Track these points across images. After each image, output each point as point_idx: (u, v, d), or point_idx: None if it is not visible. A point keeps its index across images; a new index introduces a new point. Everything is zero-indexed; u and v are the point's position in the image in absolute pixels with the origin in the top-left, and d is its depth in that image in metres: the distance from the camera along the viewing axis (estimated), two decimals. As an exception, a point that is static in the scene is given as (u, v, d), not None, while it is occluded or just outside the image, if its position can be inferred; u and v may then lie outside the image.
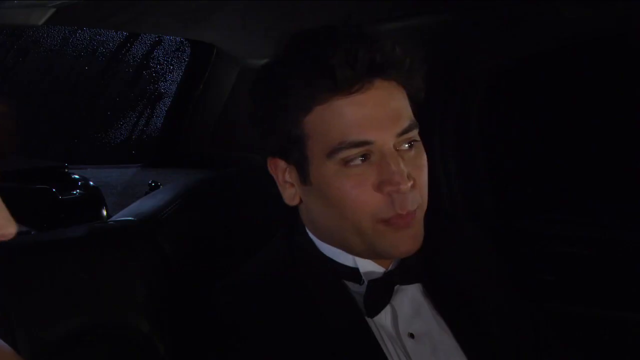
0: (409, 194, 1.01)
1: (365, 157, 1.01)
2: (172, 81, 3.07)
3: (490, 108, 2.01)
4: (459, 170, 1.95)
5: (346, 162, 1.01)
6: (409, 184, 1.01)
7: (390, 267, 1.09)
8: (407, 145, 1.04)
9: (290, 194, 1.09)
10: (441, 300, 1.11)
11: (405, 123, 1.03)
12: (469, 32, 1.73)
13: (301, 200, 1.09)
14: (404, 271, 1.09)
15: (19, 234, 0.72)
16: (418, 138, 1.05)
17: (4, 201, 0.69)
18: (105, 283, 1.15)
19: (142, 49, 3.10)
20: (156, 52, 3.10)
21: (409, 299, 1.10)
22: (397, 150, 1.02)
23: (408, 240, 1.04)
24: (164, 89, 3.12)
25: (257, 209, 1.31)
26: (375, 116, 1.01)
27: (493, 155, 2.05)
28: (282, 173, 1.08)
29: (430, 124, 1.91)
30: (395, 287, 1.08)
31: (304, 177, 1.06)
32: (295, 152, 1.05)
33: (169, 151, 2.47)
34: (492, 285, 1.18)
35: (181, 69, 2.85)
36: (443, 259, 1.15)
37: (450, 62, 1.84)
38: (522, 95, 2.15)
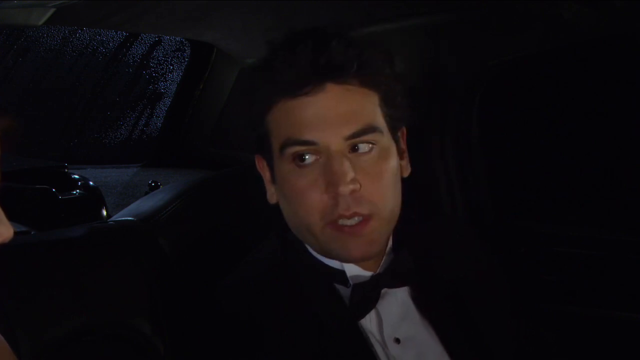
0: (352, 198, 1.01)
1: (313, 157, 1.02)
2: (172, 81, 3.07)
3: (489, 108, 2.01)
4: (459, 170, 1.94)
5: (294, 158, 1.03)
6: (349, 187, 1.00)
7: (378, 271, 1.09)
8: (363, 149, 1.03)
9: (271, 192, 1.11)
10: (428, 303, 1.11)
11: (357, 126, 1.02)
12: (469, 32, 1.73)
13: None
14: (392, 275, 1.08)
15: (19, 233, 0.72)
16: (382, 143, 1.05)
17: (2, 201, 0.69)
18: (105, 283, 1.15)
19: (142, 49, 3.10)
20: (156, 52, 3.10)
21: (398, 302, 1.09)
22: (347, 153, 1.02)
23: (359, 246, 1.04)
24: (164, 89, 3.12)
25: (256, 208, 1.31)
26: (322, 118, 1.02)
27: (493, 155, 2.05)
28: (266, 171, 1.11)
29: (430, 124, 1.91)
30: (383, 291, 1.07)
31: (272, 175, 1.09)
32: (265, 149, 1.08)
33: (169, 151, 2.47)
34: (487, 289, 1.17)
35: (181, 69, 2.86)
36: (434, 261, 1.14)
37: (449, 63, 1.84)
38: (522, 95, 2.15)
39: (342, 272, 1.08)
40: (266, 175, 1.11)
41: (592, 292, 1.84)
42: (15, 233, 0.73)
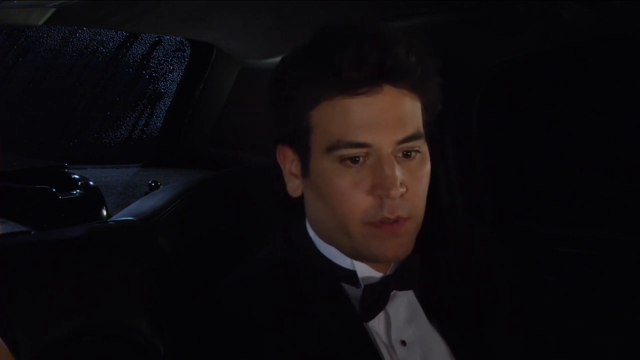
0: (399, 201, 1.02)
1: (363, 158, 1.02)
2: (172, 81, 3.07)
3: (490, 108, 2.01)
4: (459, 170, 1.94)
5: (343, 160, 1.02)
6: (400, 191, 1.01)
7: (388, 272, 1.09)
8: (408, 154, 1.04)
9: (294, 185, 1.10)
10: (433, 305, 1.11)
11: (408, 131, 1.03)
12: (469, 32, 1.73)
13: (303, 194, 1.10)
14: (402, 277, 1.08)
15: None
16: (423, 149, 1.06)
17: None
18: (105, 283, 1.15)
19: (142, 49, 3.10)
20: (156, 52, 3.10)
21: (405, 304, 1.09)
22: (396, 156, 1.03)
23: (394, 247, 1.04)
24: (164, 89, 3.12)
25: (257, 208, 1.31)
26: (378, 120, 1.02)
27: (493, 155, 2.05)
28: (290, 163, 1.10)
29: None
30: (392, 293, 1.08)
31: (305, 169, 1.07)
32: (301, 143, 1.06)
33: (169, 151, 2.47)
34: (490, 290, 1.16)
35: (181, 69, 2.86)
36: (439, 263, 1.14)
37: (449, 62, 1.84)
38: (522, 95, 2.15)
39: (353, 272, 1.08)
40: (289, 167, 1.10)
41: (592, 292, 1.84)
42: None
